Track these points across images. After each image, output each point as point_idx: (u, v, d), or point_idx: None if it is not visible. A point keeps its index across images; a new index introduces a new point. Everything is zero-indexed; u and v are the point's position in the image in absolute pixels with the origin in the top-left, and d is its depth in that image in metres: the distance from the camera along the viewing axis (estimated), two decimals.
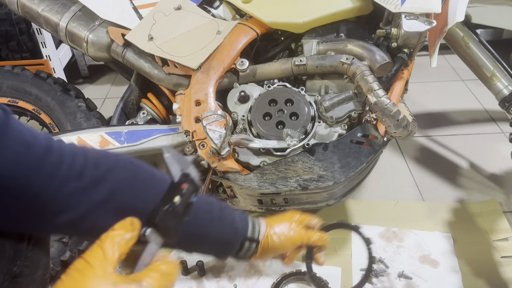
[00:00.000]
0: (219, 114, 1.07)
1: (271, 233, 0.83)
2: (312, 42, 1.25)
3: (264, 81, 1.26)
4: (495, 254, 1.30)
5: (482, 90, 1.56)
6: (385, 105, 1.05)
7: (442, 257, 1.30)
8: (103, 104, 2.19)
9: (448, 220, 1.42)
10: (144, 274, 0.52)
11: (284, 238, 0.83)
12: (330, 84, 1.23)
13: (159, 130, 1.23)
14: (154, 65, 1.27)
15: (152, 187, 0.63)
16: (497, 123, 1.89)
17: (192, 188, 0.58)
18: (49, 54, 2.01)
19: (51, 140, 0.56)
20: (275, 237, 0.82)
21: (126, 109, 1.39)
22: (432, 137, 1.83)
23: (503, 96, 1.29)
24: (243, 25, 1.26)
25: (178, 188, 0.57)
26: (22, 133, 0.52)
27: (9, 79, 1.50)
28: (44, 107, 1.46)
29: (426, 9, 1.13)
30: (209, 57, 1.20)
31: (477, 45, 1.33)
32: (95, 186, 0.57)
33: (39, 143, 0.53)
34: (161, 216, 0.55)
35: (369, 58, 1.16)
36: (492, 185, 1.57)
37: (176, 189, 0.57)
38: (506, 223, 1.39)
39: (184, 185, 0.57)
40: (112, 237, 0.52)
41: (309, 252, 0.94)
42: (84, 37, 1.28)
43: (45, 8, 1.32)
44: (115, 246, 0.51)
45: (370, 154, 1.09)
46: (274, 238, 0.82)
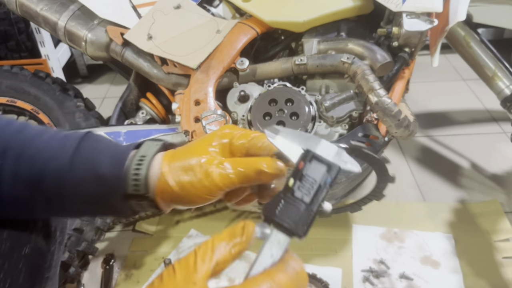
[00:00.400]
0: (219, 114, 1.06)
1: (166, 175, 0.48)
2: (313, 41, 1.24)
3: (264, 81, 1.25)
4: (497, 255, 1.29)
5: (483, 90, 1.55)
6: (386, 105, 1.05)
7: (443, 257, 1.29)
8: (102, 104, 2.19)
9: (449, 221, 1.42)
10: (269, 275, 0.40)
11: (191, 182, 0.47)
12: (331, 83, 1.22)
13: (158, 130, 1.22)
14: (153, 64, 1.26)
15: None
16: (499, 123, 1.88)
17: (320, 166, 0.44)
18: (48, 54, 2.00)
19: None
20: (171, 182, 0.48)
21: (125, 108, 1.38)
22: (433, 137, 1.82)
23: (505, 95, 1.29)
24: (243, 24, 1.25)
25: (297, 169, 0.44)
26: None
27: (8, 78, 1.49)
28: (43, 106, 1.46)
29: (427, 8, 1.12)
30: (208, 57, 1.19)
31: (478, 45, 1.32)
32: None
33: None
34: (280, 209, 0.42)
35: (370, 58, 1.15)
36: (494, 185, 1.56)
37: (295, 171, 0.44)
38: (507, 224, 1.38)
39: (302, 164, 0.44)
40: (212, 243, 0.42)
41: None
42: (83, 37, 1.28)
43: (44, 7, 1.31)
44: (214, 254, 0.41)
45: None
46: (170, 184, 0.48)
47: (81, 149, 0.49)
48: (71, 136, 0.50)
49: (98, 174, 0.47)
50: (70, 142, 0.49)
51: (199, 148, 0.49)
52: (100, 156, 0.48)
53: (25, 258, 0.51)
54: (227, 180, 0.47)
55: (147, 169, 0.48)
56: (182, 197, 0.48)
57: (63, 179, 0.47)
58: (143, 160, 0.49)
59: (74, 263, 1.21)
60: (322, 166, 0.44)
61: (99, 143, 0.50)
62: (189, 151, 0.50)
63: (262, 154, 0.49)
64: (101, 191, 0.48)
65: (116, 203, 0.49)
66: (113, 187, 0.48)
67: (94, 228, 1.25)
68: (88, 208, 0.50)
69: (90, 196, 0.48)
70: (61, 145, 0.49)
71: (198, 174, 0.47)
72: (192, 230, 1.42)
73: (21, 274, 0.50)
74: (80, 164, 0.48)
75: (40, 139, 0.49)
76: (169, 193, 0.48)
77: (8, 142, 0.48)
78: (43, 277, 0.54)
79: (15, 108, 1.49)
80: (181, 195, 0.48)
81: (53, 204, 0.49)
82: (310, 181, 0.43)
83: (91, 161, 0.48)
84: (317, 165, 0.44)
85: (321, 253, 1.31)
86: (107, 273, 1.28)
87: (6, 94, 1.48)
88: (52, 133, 0.51)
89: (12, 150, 0.48)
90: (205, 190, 0.47)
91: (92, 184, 0.47)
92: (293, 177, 0.44)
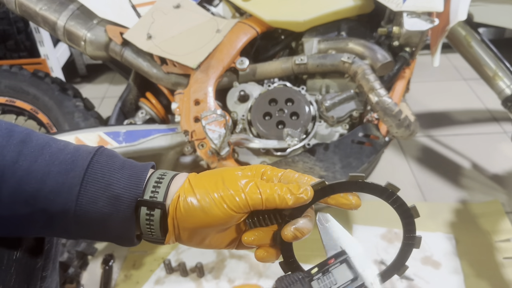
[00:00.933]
0: (219, 114, 1.05)
1: (187, 192, 0.46)
2: (313, 40, 1.23)
3: (264, 80, 1.25)
4: (498, 255, 1.28)
5: (484, 90, 1.55)
6: (386, 105, 1.04)
7: (444, 258, 1.28)
8: (101, 104, 2.18)
9: (450, 221, 1.41)
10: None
11: (212, 200, 0.45)
12: (331, 83, 1.22)
13: (157, 130, 1.21)
14: (152, 64, 1.25)
15: None
16: (500, 123, 1.87)
17: (347, 272, 0.45)
18: (47, 53, 1.99)
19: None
20: (190, 199, 0.45)
21: (125, 108, 1.38)
22: (434, 137, 1.82)
23: (506, 95, 1.28)
24: (243, 24, 1.25)
25: (325, 263, 0.46)
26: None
27: (7, 78, 1.49)
28: (42, 106, 1.45)
29: (428, 8, 1.12)
30: (208, 56, 1.19)
31: (479, 44, 1.32)
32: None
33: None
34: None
35: (371, 57, 1.15)
36: (495, 186, 1.55)
37: (323, 263, 0.46)
38: (508, 224, 1.37)
39: (332, 260, 0.46)
40: (285, 192, 0.45)
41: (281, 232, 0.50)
42: (82, 36, 1.27)
43: (43, 6, 1.30)
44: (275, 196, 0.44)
45: (371, 154, 1.08)
46: (188, 201, 0.45)
47: (95, 164, 0.46)
48: (83, 150, 0.47)
49: (113, 193, 0.45)
50: (83, 156, 0.46)
51: (228, 172, 0.48)
52: (116, 174, 0.46)
53: (16, 262, 0.49)
54: (255, 195, 0.45)
55: (170, 179, 0.47)
56: (202, 209, 0.45)
57: (72, 195, 0.44)
58: (165, 175, 0.47)
59: (73, 264, 1.20)
60: (349, 273, 0.45)
61: (115, 160, 0.47)
62: (217, 172, 0.48)
63: None
64: (113, 211, 0.45)
65: (126, 224, 0.46)
66: (126, 209, 0.45)
67: None
68: (93, 228, 0.46)
69: (99, 216, 0.45)
70: (73, 159, 0.45)
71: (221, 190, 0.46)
72: None
73: (12, 278, 0.48)
74: (93, 181, 0.45)
75: (49, 150, 0.46)
76: (186, 209, 0.45)
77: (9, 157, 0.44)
78: (38, 277, 0.53)
79: (14, 108, 1.49)
80: (199, 214, 0.45)
81: (54, 222, 0.45)
82: (331, 280, 0.44)
83: (106, 178, 0.45)
84: (345, 270, 0.45)
85: (321, 254, 1.30)
86: (106, 274, 1.27)
87: (5, 94, 1.48)
88: (61, 145, 0.47)
89: (17, 164, 0.44)
90: (224, 204, 0.45)
91: (105, 203, 0.45)
92: (318, 267, 0.45)
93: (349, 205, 0.48)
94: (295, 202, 0.45)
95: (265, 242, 0.48)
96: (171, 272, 1.28)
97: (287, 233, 0.45)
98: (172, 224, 0.46)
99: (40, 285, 0.54)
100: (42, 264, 0.53)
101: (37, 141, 0.46)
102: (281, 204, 0.45)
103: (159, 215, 0.45)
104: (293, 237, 0.45)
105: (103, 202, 0.44)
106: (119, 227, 0.46)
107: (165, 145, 1.19)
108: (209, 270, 1.28)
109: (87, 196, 0.44)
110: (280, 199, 0.45)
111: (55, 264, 0.58)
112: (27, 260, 0.51)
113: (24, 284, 0.50)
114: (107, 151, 0.48)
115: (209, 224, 0.45)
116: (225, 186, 0.45)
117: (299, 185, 0.46)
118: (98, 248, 1.33)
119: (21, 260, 0.50)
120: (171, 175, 0.48)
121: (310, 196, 0.46)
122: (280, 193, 0.45)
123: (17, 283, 0.49)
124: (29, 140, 0.46)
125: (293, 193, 0.45)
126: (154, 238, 0.48)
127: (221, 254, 1.32)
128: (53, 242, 0.56)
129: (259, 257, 0.48)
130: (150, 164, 0.49)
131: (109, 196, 0.44)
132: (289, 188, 0.45)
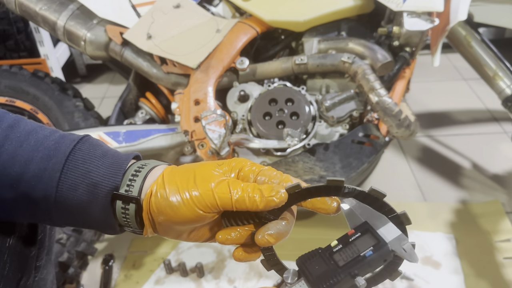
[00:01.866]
0: (219, 114, 1.05)
1: (159, 188, 0.44)
2: (313, 40, 1.23)
3: (264, 80, 1.25)
4: (498, 255, 1.28)
5: (484, 90, 1.55)
6: (386, 105, 1.04)
7: (444, 258, 1.28)
8: (101, 104, 2.18)
9: (450, 221, 1.41)
10: None
11: (181, 199, 0.43)
12: (331, 83, 1.22)
13: (157, 130, 1.21)
14: (152, 64, 1.25)
15: None
16: (500, 123, 1.87)
17: (370, 240, 0.43)
18: (47, 53, 1.99)
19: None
20: (160, 196, 0.44)
21: (125, 108, 1.38)
22: (434, 137, 1.82)
23: (506, 95, 1.28)
24: (243, 24, 1.25)
25: (346, 236, 0.44)
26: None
27: (7, 78, 1.49)
28: (42, 106, 1.45)
29: (428, 8, 1.12)
30: (208, 56, 1.19)
31: (479, 44, 1.31)
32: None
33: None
34: (311, 263, 0.42)
35: (371, 57, 1.14)
36: (495, 186, 1.55)
37: (343, 236, 0.44)
38: (508, 224, 1.37)
39: (352, 232, 0.44)
40: (262, 190, 0.43)
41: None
42: (82, 36, 1.27)
43: (43, 6, 1.30)
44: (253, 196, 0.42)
45: (371, 154, 1.08)
46: (159, 197, 0.44)
47: (77, 152, 0.45)
48: (68, 137, 0.46)
49: (91, 181, 0.44)
50: (66, 143, 0.45)
51: (202, 168, 0.46)
52: (96, 162, 0.45)
53: (9, 250, 0.49)
54: (225, 196, 0.43)
55: (147, 172, 0.46)
56: (171, 208, 0.43)
57: (53, 181, 0.44)
58: (144, 166, 0.46)
59: (73, 264, 1.20)
60: (372, 240, 0.43)
61: (97, 148, 0.47)
62: (191, 168, 0.46)
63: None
64: (92, 199, 0.44)
65: (105, 212, 0.45)
66: (104, 197, 0.44)
67: None
68: (74, 216, 0.46)
69: (79, 203, 0.44)
70: (56, 146, 0.45)
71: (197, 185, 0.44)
72: None
73: (6, 265, 0.48)
74: (73, 168, 0.44)
75: (35, 136, 0.46)
76: (157, 206, 0.44)
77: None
78: (32, 266, 0.53)
79: (14, 108, 1.49)
80: (169, 213, 0.44)
81: (37, 208, 0.45)
82: (353, 250, 0.43)
83: (86, 166, 0.45)
84: (367, 239, 0.43)
85: None
86: (106, 274, 1.27)
87: (5, 94, 1.48)
88: (47, 132, 0.47)
89: (3, 148, 0.44)
90: (196, 201, 0.43)
91: (84, 191, 0.44)
92: (338, 240, 0.43)
93: (325, 210, 0.46)
94: (266, 206, 0.43)
95: (243, 241, 0.46)
96: (171, 272, 1.28)
97: (260, 237, 0.43)
98: (147, 219, 0.45)
99: (35, 275, 0.53)
100: (36, 253, 0.53)
101: (24, 127, 0.46)
102: (251, 207, 0.43)
103: (134, 210, 0.45)
104: (266, 243, 0.43)
105: (82, 189, 0.44)
106: (99, 215, 0.45)
107: (165, 145, 1.19)
108: (209, 270, 1.28)
109: (67, 183, 0.44)
110: (250, 201, 0.43)
111: (49, 255, 0.57)
112: (20, 248, 0.51)
113: (18, 272, 0.50)
114: (91, 140, 0.48)
115: (180, 223, 0.44)
116: (196, 184, 0.44)
117: (272, 187, 0.43)
118: (98, 248, 1.33)
119: (15, 248, 0.50)
120: (149, 166, 0.47)
121: (283, 199, 0.43)
122: (251, 195, 0.43)
123: (11, 271, 0.49)
124: (17, 126, 0.46)
125: (264, 195, 0.43)
126: (133, 230, 0.47)
127: (221, 254, 1.32)
128: (46, 232, 0.55)
129: (236, 257, 0.46)
130: (133, 155, 0.48)
131: (88, 184, 0.44)
132: (260, 190, 0.43)
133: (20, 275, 0.51)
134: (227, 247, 1.33)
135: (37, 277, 0.54)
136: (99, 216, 0.46)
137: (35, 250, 0.53)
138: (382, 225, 0.44)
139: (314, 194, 0.44)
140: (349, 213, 0.46)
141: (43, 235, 0.55)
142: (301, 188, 0.44)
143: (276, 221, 0.45)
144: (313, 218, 1.41)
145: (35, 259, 0.53)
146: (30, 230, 0.52)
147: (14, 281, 0.50)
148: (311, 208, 0.46)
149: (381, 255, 0.42)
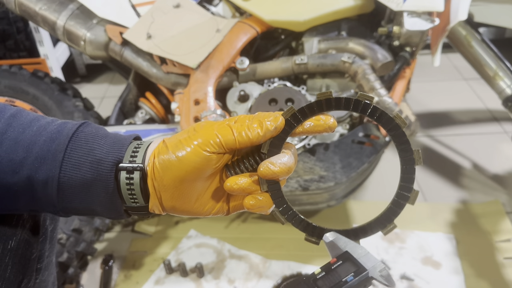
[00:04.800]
0: (219, 114, 1.05)
1: (161, 150, 0.46)
2: (313, 40, 1.23)
3: (264, 80, 1.25)
4: (498, 255, 1.28)
5: (484, 89, 1.55)
6: (387, 105, 1.04)
7: (445, 258, 1.28)
8: (101, 104, 2.18)
9: (451, 221, 1.41)
10: None
11: (184, 146, 0.44)
12: (331, 83, 1.21)
13: (157, 130, 1.21)
14: (152, 64, 1.25)
15: None
16: (500, 123, 1.87)
17: (350, 267, 0.46)
18: (47, 53, 1.99)
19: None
20: (164, 154, 0.45)
21: (124, 108, 1.38)
22: (434, 137, 1.82)
23: (506, 95, 1.28)
24: (243, 23, 1.25)
25: (328, 264, 0.47)
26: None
27: (6, 78, 1.48)
28: (42, 106, 1.45)
29: (429, 7, 1.11)
30: (208, 56, 1.18)
31: (479, 44, 1.31)
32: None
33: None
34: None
35: (371, 57, 1.14)
36: (495, 186, 1.55)
37: (326, 265, 0.47)
38: (509, 224, 1.37)
39: (334, 260, 0.47)
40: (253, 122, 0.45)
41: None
42: (82, 36, 1.27)
43: (43, 6, 1.30)
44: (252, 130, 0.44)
45: (371, 154, 1.07)
46: (163, 155, 0.45)
47: (80, 133, 0.46)
48: (70, 123, 0.48)
49: (95, 157, 0.45)
50: (69, 127, 0.47)
51: (200, 123, 0.49)
52: (99, 141, 0.46)
53: (11, 252, 0.49)
54: (227, 132, 0.45)
55: (148, 144, 0.47)
56: (176, 157, 0.44)
57: (57, 161, 0.44)
58: (143, 142, 0.48)
59: (73, 264, 1.20)
60: (352, 267, 0.46)
61: (99, 130, 0.48)
62: (189, 127, 0.48)
63: None
64: (96, 175, 0.45)
65: (109, 191, 0.45)
66: (108, 172, 0.45)
67: (93, 229, 1.24)
68: (78, 198, 0.46)
69: (82, 182, 0.45)
70: (59, 129, 0.46)
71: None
72: (192, 230, 1.41)
73: (8, 268, 0.48)
74: (77, 147, 0.45)
75: (37, 123, 0.47)
76: (161, 164, 0.45)
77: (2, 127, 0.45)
78: (33, 268, 0.53)
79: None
80: (174, 164, 0.44)
81: (39, 192, 0.45)
82: (335, 276, 0.45)
83: (89, 145, 0.46)
84: (348, 266, 0.46)
85: (321, 254, 1.30)
86: (106, 274, 1.27)
87: (5, 94, 1.48)
88: (49, 120, 0.48)
89: (5, 135, 0.45)
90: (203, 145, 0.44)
91: (88, 168, 0.45)
92: (321, 268, 0.46)
93: (323, 126, 0.46)
94: (266, 131, 0.44)
95: (252, 189, 0.46)
96: (171, 273, 1.28)
97: (263, 169, 0.44)
98: (152, 186, 0.46)
99: (36, 277, 0.53)
100: (37, 255, 0.53)
101: (27, 116, 0.47)
102: (253, 137, 0.44)
103: (138, 177, 0.45)
104: (269, 172, 0.44)
105: (86, 167, 0.45)
106: (103, 195, 0.46)
107: None
108: (209, 270, 1.28)
109: (70, 162, 0.44)
110: (251, 132, 0.44)
111: (51, 257, 0.57)
112: (22, 250, 0.51)
113: (19, 274, 0.50)
114: (93, 124, 0.49)
115: (187, 172, 0.44)
116: (197, 132, 0.45)
117: (269, 114, 0.46)
118: (98, 248, 1.33)
119: (16, 250, 0.50)
120: (149, 142, 0.48)
121: (280, 123, 0.45)
122: (251, 125, 0.44)
123: (12, 274, 0.49)
124: (19, 115, 0.47)
125: (262, 122, 0.45)
126: (138, 206, 0.47)
127: (221, 255, 1.32)
128: (48, 234, 0.56)
129: (248, 204, 0.46)
130: (133, 135, 0.49)
131: (92, 161, 0.45)
132: (258, 119, 0.45)
133: (21, 277, 0.51)
134: (227, 247, 1.33)
135: (38, 279, 0.54)
136: (103, 196, 0.46)
137: (37, 252, 0.53)
138: (361, 254, 0.47)
139: (308, 113, 0.46)
140: (331, 245, 0.49)
141: (45, 237, 0.55)
142: (294, 110, 0.46)
143: (277, 154, 0.46)
144: (312, 218, 1.41)
145: (37, 261, 0.54)
146: (31, 232, 0.53)
147: (16, 283, 0.50)
148: (311, 131, 0.47)
149: (362, 280, 0.45)
